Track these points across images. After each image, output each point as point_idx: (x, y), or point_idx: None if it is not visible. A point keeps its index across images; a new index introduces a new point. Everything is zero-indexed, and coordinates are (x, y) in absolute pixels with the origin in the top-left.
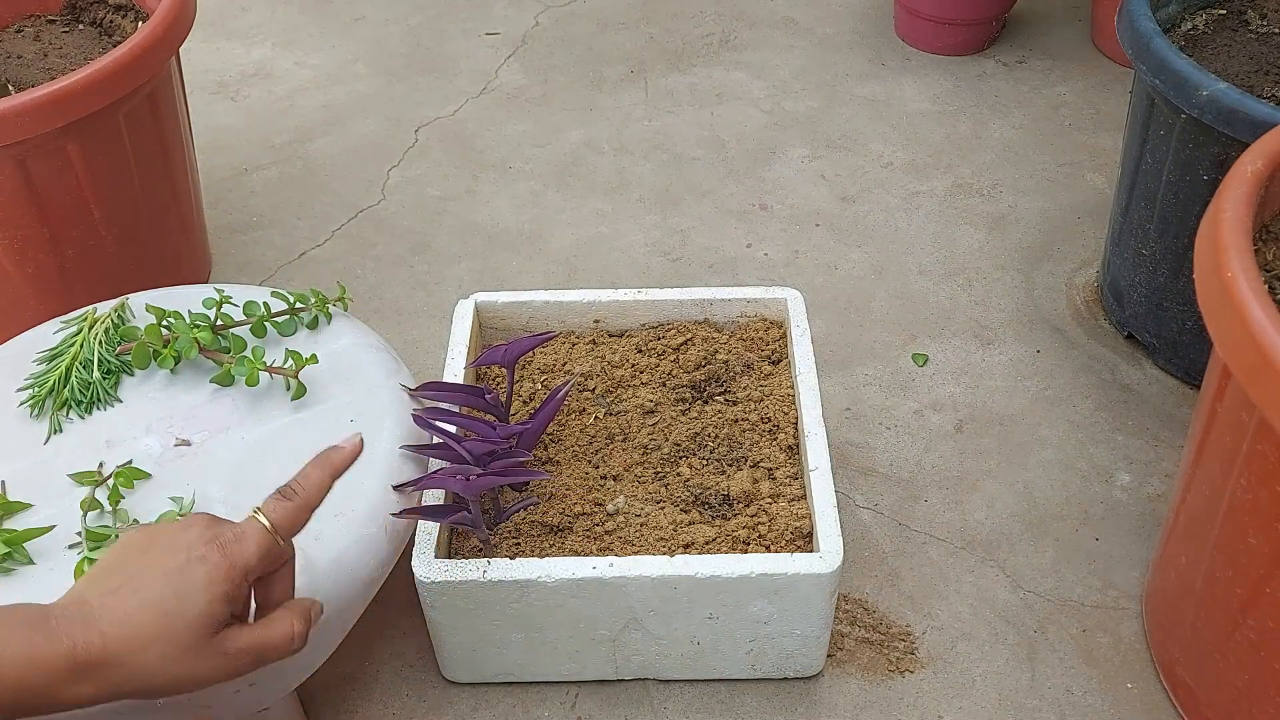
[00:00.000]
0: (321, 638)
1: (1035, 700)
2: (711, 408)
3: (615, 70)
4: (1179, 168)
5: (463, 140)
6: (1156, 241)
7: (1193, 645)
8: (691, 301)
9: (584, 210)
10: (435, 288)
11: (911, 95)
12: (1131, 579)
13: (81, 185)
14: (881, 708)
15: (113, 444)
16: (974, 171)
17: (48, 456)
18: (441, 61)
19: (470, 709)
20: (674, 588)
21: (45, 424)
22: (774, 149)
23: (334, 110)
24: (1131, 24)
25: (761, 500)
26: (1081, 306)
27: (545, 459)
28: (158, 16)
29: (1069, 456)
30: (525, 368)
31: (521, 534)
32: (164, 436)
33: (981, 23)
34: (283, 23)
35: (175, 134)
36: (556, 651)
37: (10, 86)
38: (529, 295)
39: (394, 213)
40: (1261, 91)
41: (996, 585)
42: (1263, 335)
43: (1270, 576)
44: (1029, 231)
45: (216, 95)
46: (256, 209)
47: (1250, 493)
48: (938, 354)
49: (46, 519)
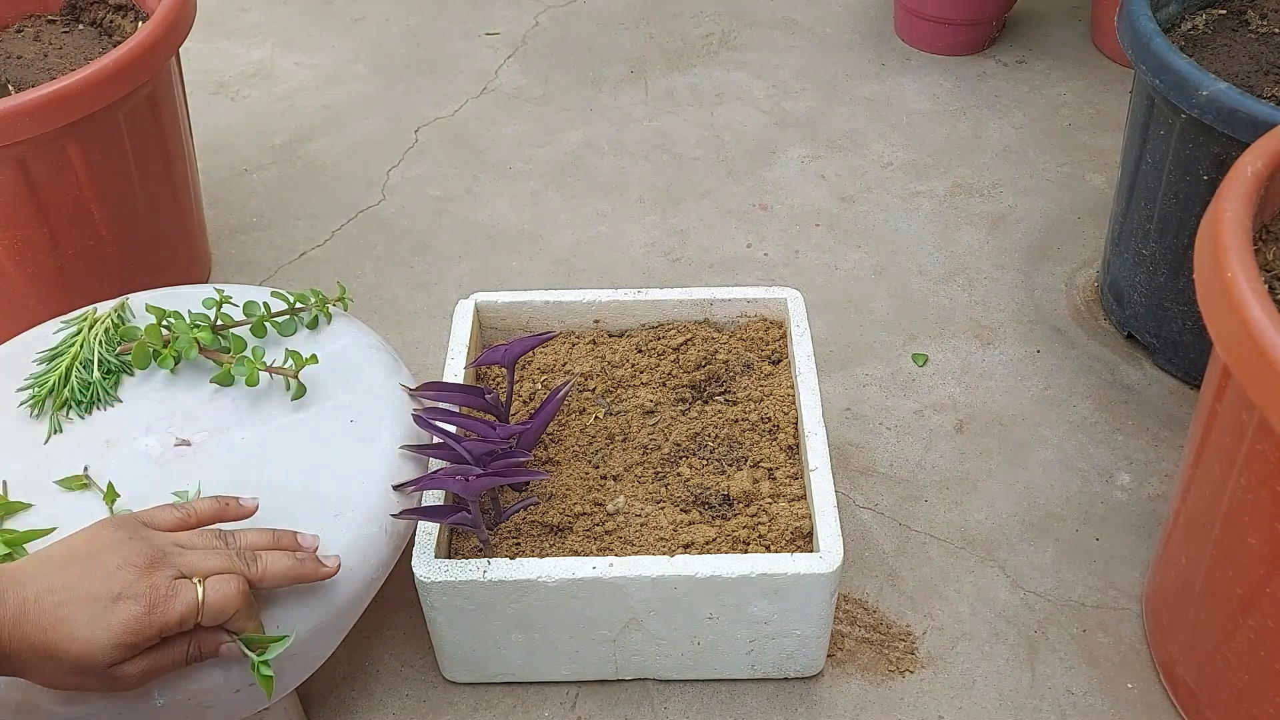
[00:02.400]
0: (321, 638)
1: (1035, 700)
2: (711, 408)
3: (615, 70)
4: (1179, 168)
5: (463, 140)
6: (1156, 241)
7: (1193, 645)
8: (691, 301)
9: (584, 210)
10: (435, 288)
11: (911, 95)
12: (1131, 579)
13: (81, 185)
14: (881, 708)
15: (113, 444)
16: (974, 171)
17: (48, 456)
18: (441, 61)
19: (470, 709)
20: (674, 588)
21: (45, 424)
22: (774, 149)
23: (334, 110)
24: (1131, 24)
25: (761, 500)
26: (1081, 306)
27: (545, 459)
28: (158, 16)
29: (1069, 457)
30: (525, 368)
31: (521, 534)
32: (164, 436)
33: (981, 23)
34: (283, 23)
35: (175, 134)
36: (556, 651)
37: (10, 86)
38: (529, 295)
39: (394, 213)
40: (1261, 91)
41: (996, 585)
42: (1263, 335)
43: (1270, 576)
44: (1029, 231)
45: (216, 95)
46: (256, 209)
47: (1250, 493)
48: (938, 354)
49: (46, 519)
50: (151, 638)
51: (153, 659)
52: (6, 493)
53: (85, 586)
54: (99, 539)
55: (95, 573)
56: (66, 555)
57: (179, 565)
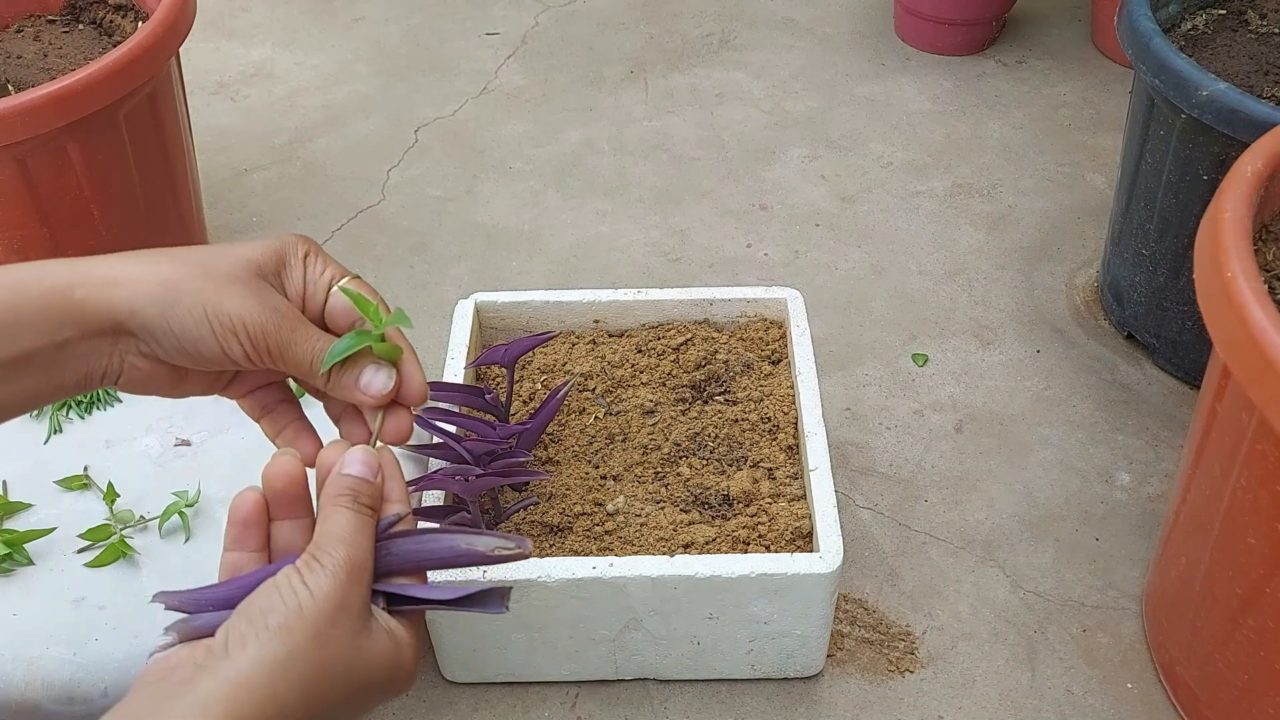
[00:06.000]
0: None
1: (1035, 700)
2: (711, 408)
3: (615, 70)
4: (1179, 168)
5: (463, 140)
6: (1156, 241)
7: (1193, 645)
8: (691, 301)
9: (584, 210)
10: (435, 288)
11: (911, 95)
12: (1131, 579)
13: (81, 185)
14: (881, 708)
15: (113, 444)
16: (974, 171)
17: (48, 457)
18: (441, 61)
19: (470, 709)
20: (674, 588)
21: (45, 424)
22: (774, 149)
23: (334, 110)
24: (1131, 24)
25: (761, 500)
26: (1081, 306)
27: (545, 459)
28: (158, 16)
29: (1069, 456)
30: (525, 368)
31: (521, 534)
32: (164, 436)
33: (981, 23)
34: (283, 23)
35: (175, 134)
36: (556, 651)
37: (10, 86)
38: (529, 295)
39: (394, 213)
40: (1261, 91)
41: (996, 585)
42: (1263, 335)
43: (1270, 576)
44: (1029, 231)
45: (216, 95)
46: (256, 209)
47: (1250, 493)
48: (938, 354)
49: (46, 519)
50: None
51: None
52: (6, 493)
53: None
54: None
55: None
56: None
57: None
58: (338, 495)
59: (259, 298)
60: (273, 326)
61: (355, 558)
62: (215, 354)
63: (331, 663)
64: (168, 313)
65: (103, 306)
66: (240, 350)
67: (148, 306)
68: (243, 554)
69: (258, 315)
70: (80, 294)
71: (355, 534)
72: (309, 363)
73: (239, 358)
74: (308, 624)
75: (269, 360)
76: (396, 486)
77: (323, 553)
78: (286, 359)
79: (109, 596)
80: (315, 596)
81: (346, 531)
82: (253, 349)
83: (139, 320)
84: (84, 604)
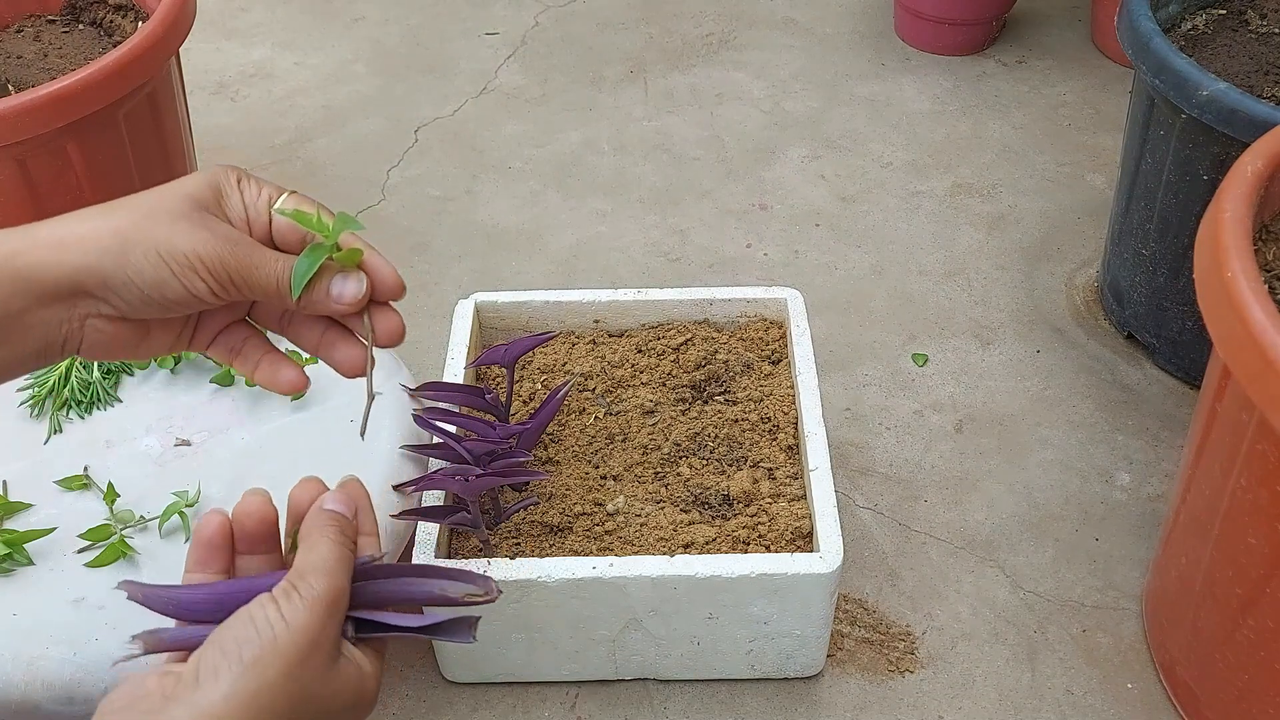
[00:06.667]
0: None
1: (1035, 700)
2: (711, 408)
3: (615, 70)
4: (1179, 168)
5: (462, 140)
6: (1156, 241)
7: (1193, 645)
8: (691, 301)
9: (584, 210)
10: (435, 288)
11: (911, 95)
12: (1131, 579)
13: (81, 185)
14: (881, 708)
15: (113, 444)
16: (974, 171)
17: (48, 456)
18: (441, 61)
19: (470, 709)
20: (674, 588)
21: (45, 424)
22: (774, 149)
23: (334, 110)
24: (1131, 24)
25: (761, 500)
26: (1081, 306)
27: (545, 459)
28: (158, 16)
29: (1069, 456)
30: (525, 368)
31: (521, 534)
32: (164, 436)
33: (981, 23)
34: (283, 23)
35: (175, 134)
36: (556, 651)
37: (10, 86)
38: (529, 295)
39: (394, 213)
40: (1261, 91)
41: (996, 585)
42: (1263, 335)
43: (1270, 576)
44: (1029, 231)
45: (216, 95)
46: None
47: (1250, 493)
48: (938, 354)
49: (46, 519)
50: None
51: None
52: (6, 493)
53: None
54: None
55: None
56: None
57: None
58: (324, 526)
59: (209, 229)
60: (229, 254)
61: (334, 591)
62: (180, 294)
63: (300, 697)
64: (123, 261)
65: (53, 270)
66: (204, 286)
67: (103, 260)
68: (205, 576)
69: (212, 246)
70: (26, 260)
71: (336, 566)
72: (274, 284)
73: (204, 294)
74: (280, 658)
75: (233, 290)
76: (367, 520)
77: (303, 583)
78: (251, 284)
79: (109, 596)
80: (291, 629)
81: (329, 563)
82: (214, 281)
83: (97, 276)
84: (84, 604)
